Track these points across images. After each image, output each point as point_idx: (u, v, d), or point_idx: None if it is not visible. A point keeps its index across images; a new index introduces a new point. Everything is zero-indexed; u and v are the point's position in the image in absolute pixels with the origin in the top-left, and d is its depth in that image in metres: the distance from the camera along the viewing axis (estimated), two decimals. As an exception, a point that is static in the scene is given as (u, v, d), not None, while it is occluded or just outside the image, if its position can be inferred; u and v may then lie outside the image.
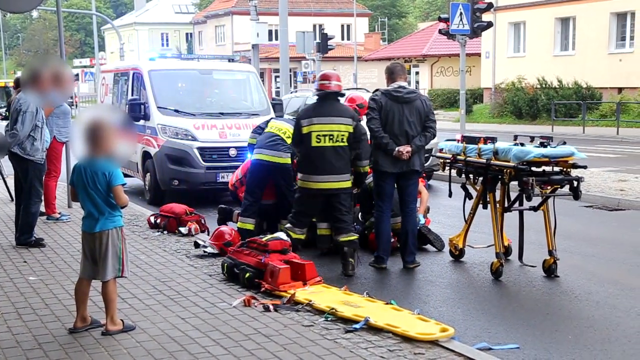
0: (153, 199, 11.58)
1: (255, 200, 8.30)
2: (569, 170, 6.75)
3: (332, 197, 7.15)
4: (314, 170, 7.09)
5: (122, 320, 5.13)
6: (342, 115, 7.16)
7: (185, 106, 11.78)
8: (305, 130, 7.12)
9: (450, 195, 8.07)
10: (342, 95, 7.52)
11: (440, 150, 7.82)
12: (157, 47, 68.07)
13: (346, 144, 7.11)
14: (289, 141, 8.07)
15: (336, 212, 7.18)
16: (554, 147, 6.66)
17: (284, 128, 8.32)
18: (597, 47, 29.61)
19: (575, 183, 6.70)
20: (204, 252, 7.56)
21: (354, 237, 7.23)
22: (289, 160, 8.07)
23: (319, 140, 7.08)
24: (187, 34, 71.35)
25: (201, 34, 63.34)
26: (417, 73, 46.61)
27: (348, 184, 7.22)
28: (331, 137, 7.08)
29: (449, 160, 7.65)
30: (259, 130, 8.62)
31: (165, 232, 8.79)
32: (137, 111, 11.70)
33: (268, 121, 8.70)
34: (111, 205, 5.00)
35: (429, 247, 8.25)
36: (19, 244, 7.87)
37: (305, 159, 7.18)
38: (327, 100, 7.25)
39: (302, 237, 7.37)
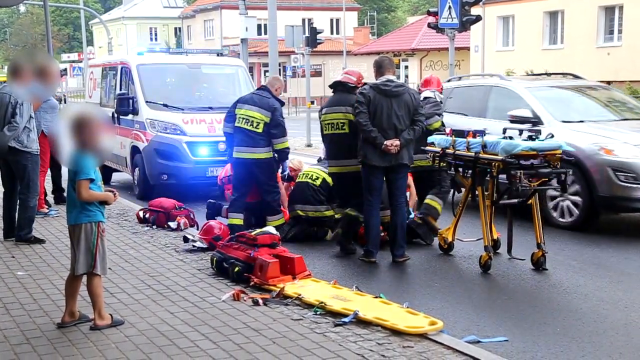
0: (142, 193, 11.55)
1: (241, 195, 8.36)
2: (556, 163, 6.77)
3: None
4: (329, 156, 7.98)
5: (110, 314, 5.12)
6: (342, 104, 7.69)
7: (174, 101, 11.74)
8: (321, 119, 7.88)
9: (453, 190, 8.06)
10: (353, 87, 7.79)
11: (430, 144, 7.83)
12: (145, 42, 67.75)
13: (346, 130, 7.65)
14: (260, 128, 8.08)
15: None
16: (542, 140, 6.68)
17: (250, 117, 8.17)
18: (585, 40, 29.71)
19: (562, 176, 6.72)
20: (193, 246, 7.55)
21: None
22: (266, 154, 8.11)
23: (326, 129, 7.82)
24: (175, 28, 71.03)
25: (190, 28, 63.07)
26: (406, 67, 46.63)
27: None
28: (332, 125, 7.77)
29: (438, 154, 7.65)
30: (229, 119, 8.42)
31: (154, 226, 8.77)
32: (125, 106, 11.67)
33: (235, 105, 8.43)
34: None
35: (418, 241, 8.26)
36: (20, 240, 7.82)
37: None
38: (335, 91, 7.91)
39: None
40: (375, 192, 7.42)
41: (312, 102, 33.84)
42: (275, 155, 8.33)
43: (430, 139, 7.84)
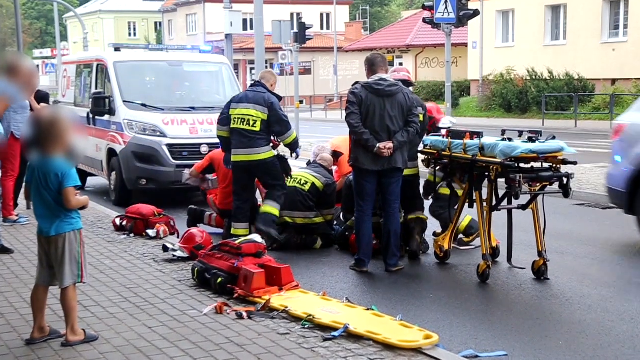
0: (119, 199, 11.52)
1: (244, 202, 8.25)
2: (558, 166, 6.79)
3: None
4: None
5: (83, 330, 5.08)
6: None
7: (154, 100, 11.73)
8: None
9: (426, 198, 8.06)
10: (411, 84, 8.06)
11: (425, 146, 7.84)
12: (123, 37, 67.63)
13: None
14: (257, 127, 8.00)
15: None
16: (543, 142, 6.69)
17: (246, 116, 8.07)
18: (589, 36, 29.86)
19: (565, 180, 6.74)
20: (173, 256, 7.52)
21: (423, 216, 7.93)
22: (268, 154, 8.06)
23: None
24: (156, 23, 70.97)
25: (171, 23, 63.02)
26: (400, 64, 46.69)
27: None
28: None
29: (433, 157, 7.66)
30: (224, 121, 8.28)
31: (132, 234, 8.74)
32: (101, 105, 11.65)
33: (229, 106, 8.31)
34: (66, 207, 4.91)
35: (412, 248, 8.26)
36: None
37: None
38: None
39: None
40: (367, 198, 7.42)
41: (301, 102, 33.84)
42: (281, 152, 8.25)
43: (425, 140, 7.85)
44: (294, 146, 8.30)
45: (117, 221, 9.07)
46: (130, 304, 5.94)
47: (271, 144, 8.16)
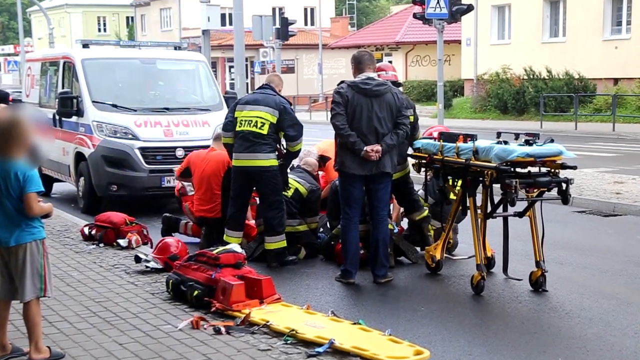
0: (88, 206, 11.48)
1: (239, 210, 8.26)
2: (557, 171, 6.84)
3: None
4: None
5: (48, 347, 5.06)
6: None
7: (125, 100, 11.70)
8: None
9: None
10: (399, 84, 8.18)
11: (416, 150, 7.87)
12: (92, 33, 67.37)
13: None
14: (265, 130, 7.98)
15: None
16: (541, 145, 6.74)
17: (253, 118, 8.04)
18: (590, 32, 30.05)
19: (563, 186, 6.79)
20: (146, 267, 7.50)
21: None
22: (272, 162, 8.05)
23: None
24: (127, 17, 70.76)
25: (144, 17, 62.86)
26: (389, 62, 46.78)
27: None
28: None
29: (424, 161, 7.70)
30: (228, 126, 8.23)
31: (102, 244, 8.71)
32: (68, 106, 11.60)
33: (234, 109, 8.29)
34: (27, 215, 4.89)
35: (402, 259, 8.29)
36: None
37: None
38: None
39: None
40: (353, 204, 7.44)
41: (284, 102, 33.84)
42: (280, 160, 8.18)
43: (416, 143, 7.88)
44: (294, 155, 8.35)
45: (86, 230, 9.04)
46: (100, 319, 5.91)
47: (276, 152, 8.15)
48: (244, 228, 8.40)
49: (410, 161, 8.13)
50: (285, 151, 8.24)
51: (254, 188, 8.33)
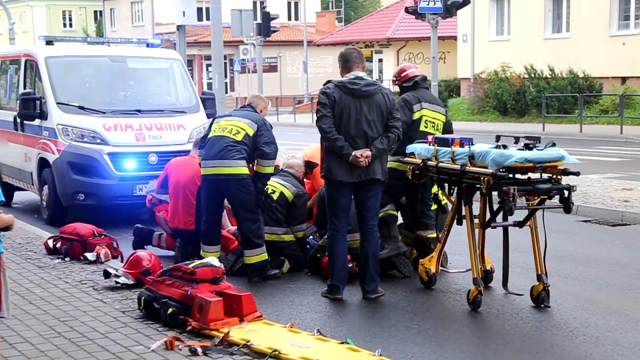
0: (52, 217, 11.44)
1: (214, 222, 8.31)
2: (559, 177, 6.88)
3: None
4: None
5: (10, 370, 5.05)
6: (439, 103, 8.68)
7: (93, 102, 11.68)
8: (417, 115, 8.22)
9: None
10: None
11: (409, 155, 7.90)
12: (57, 28, 67.17)
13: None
14: (239, 137, 8.05)
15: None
16: (541, 149, 6.78)
17: (229, 125, 8.22)
18: (596, 28, 30.24)
19: (565, 193, 6.82)
20: (116, 282, 7.49)
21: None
22: (243, 170, 8.07)
23: (426, 126, 8.23)
24: (95, 12, 70.66)
25: (113, 12, 62.79)
26: (380, 61, 47.01)
27: None
28: (433, 124, 8.35)
29: (418, 167, 7.72)
30: (202, 142, 8.43)
31: (67, 258, 8.69)
32: (31, 108, 11.55)
33: (211, 124, 8.53)
34: None
35: (394, 272, 8.31)
36: None
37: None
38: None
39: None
40: (341, 214, 7.45)
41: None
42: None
43: (409, 148, 7.91)
44: (265, 179, 8.28)
45: (50, 243, 9.01)
46: (65, 340, 5.89)
47: (247, 162, 8.15)
48: (220, 241, 8.41)
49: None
50: (254, 172, 8.22)
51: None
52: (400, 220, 8.57)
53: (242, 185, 8.09)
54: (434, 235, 8.27)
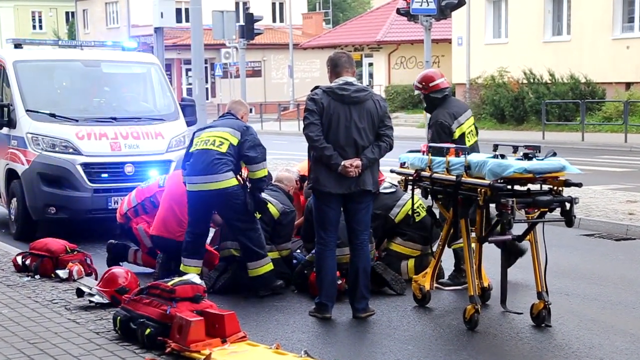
0: (21, 232, 11.42)
1: (200, 234, 8.34)
2: (560, 189, 6.91)
3: None
4: None
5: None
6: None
7: (65, 109, 11.67)
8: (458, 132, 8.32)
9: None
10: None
11: (401, 165, 7.93)
12: (26, 31, 67.05)
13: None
14: (224, 149, 8.08)
15: None
16: (541, 159, 6.81)
17: (211, 137, 8.23)
18: (598, 30, 30.39)
19: (567, 205, 6.85)
20: (90, 302, 7.47)
21: None
22: (231, 182, 8.09)
23: (469, 139, 8.37)
24: (67, 13, 70.61)
25: (86, 13, 62.76)
26: (370, 65, 47.14)
27: None
28: (471, 132, 8.52)
29: (411, 177, 7.75)
30: (186, 159, 8.42)
31: (38, 276, 8.65)
32: (-2, 116, 11.54)
33: (192, 138, 8.52)
34: None
35: (386, 289, 8.33)
36: None
37: None
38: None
39: None
40: (330, 228, 7.46)
41: (250, 110, 33.87)
42: (248, 185, 8.22)
43: (402, 158, 7.94)
44: (260, 183, 8.29)
45: (19, 260, 8.97)
46: (36, 363, 5.88)
47: (234, 174, 8.17)
48: (203, 255, 8.40)
49: (396, 177, 8.17)
50: (247, 180, 8.25)
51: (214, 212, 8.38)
52: None
53: (233, 197, 8.12)
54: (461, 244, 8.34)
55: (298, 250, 8.92)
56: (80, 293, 7.65)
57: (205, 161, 8.14)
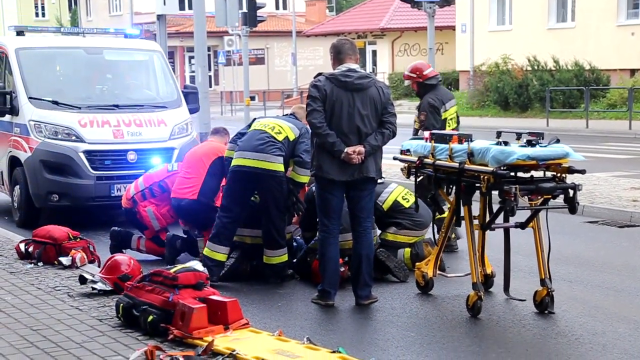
0: (24, 219, 11.44)
1: (233, 220, 8.29)
2: (563, 176, 6.91)
3: None
4: None
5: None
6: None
7: (68, 96, 11.68)
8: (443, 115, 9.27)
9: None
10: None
11: (404, 152, 7.92)
12: (29, 18, 67.02)
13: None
14: (280, 137, 8.13)
15: None
16: (545, 146, 6.80)
17: (271, 123, 8.34)
18: (603, 17, 30.34)
19: (570, 192, 6.85)
20: (93, 289, 7.48)
21: None
22: (281, 167, 8.10)
23: (449, 125, 9.35)
24: (70, 0, 70.49)
25: (89, 0, 62.65)
26: (374, 52, 47.06)
27: None
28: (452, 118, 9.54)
29: (414, 165, 7.74)
30: (238, 136, 8.48)
31: (41, 263, 8.67)
32: (1, 103, 11.54)
33: (250, 124, 8.62)
34: None
35: (389, 277, 8.33)
36: None
37: None
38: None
39: None
40: (333, 215, 7.46)
41: (252, 98, 33.87)
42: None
43: (404, 145, 7.93)
44: (300, 188, 8.39)
45: (22, 247, 8.99)
46: (38, 350, 5.88)
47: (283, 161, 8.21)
48: (232, 243, 8.37)
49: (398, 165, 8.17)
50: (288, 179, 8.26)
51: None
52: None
53: (278, 182, 8.14)
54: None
55: (298, 236, 8.93)
56: (83, 280, 7.66)
57: (260, 139, 8.16)
